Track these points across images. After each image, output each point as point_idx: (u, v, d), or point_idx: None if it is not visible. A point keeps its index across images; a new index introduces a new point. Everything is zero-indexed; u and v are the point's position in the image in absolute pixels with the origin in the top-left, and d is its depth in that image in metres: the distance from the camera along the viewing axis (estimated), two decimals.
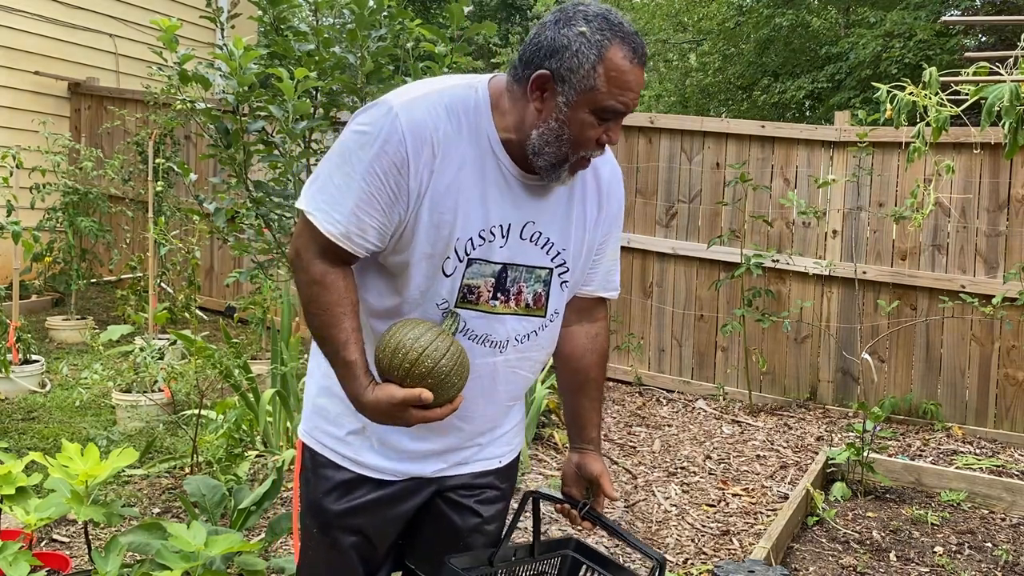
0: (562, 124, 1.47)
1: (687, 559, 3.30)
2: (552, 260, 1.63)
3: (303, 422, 1.73)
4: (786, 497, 3.91)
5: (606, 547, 3.34)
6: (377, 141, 1.46)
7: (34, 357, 5.11)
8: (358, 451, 1.65)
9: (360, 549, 1.69)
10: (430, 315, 1.56)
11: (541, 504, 1.85)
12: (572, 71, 1.45)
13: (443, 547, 1.72)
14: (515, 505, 1.83)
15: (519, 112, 1.51)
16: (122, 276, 6.71)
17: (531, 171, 1.54)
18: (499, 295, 1.58)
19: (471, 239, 1.53)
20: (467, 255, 1.54)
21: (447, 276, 1.54)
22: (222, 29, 3.74)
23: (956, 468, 4.30)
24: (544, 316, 1.65)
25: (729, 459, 4.51)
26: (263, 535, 2.94)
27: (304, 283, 1.53)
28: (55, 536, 3.16)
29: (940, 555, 3.36)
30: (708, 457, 4.53)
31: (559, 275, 1.65)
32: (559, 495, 1.87)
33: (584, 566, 1.81)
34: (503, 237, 1.55)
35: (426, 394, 1.45)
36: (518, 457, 1.87)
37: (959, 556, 3.38)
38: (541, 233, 1.60)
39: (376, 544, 1.71)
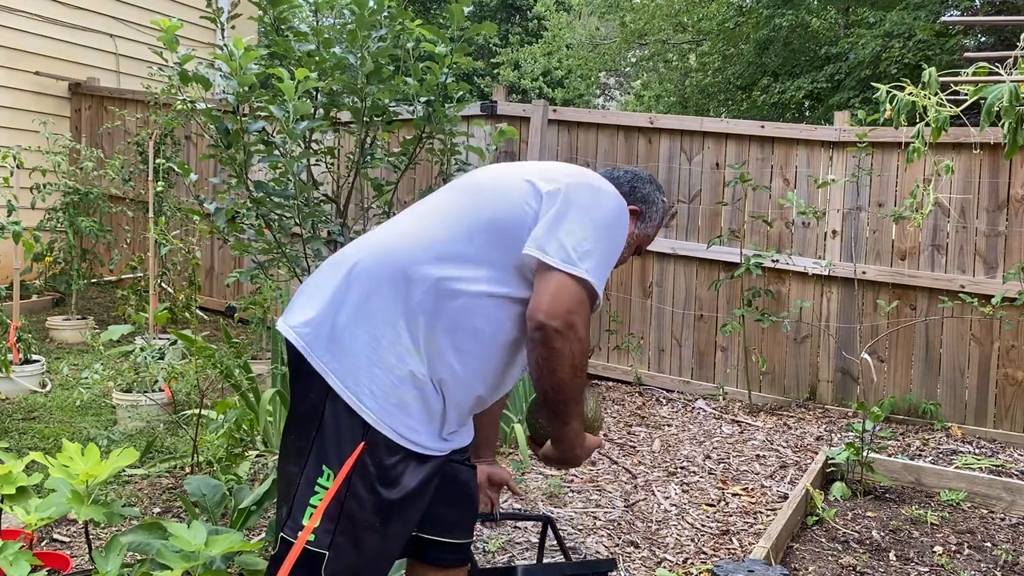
0: (627, 247, 2.06)
1: (687, 559, 3.31)
2: None
3: (382, 416, 1.73)
4: (786, 497, 3.92)
5: (605, 546, 3.35)
6: (624, 228, 1.93)
7: (35, 357, 5.11)
8: (434, 439, 1.82)
9: (406, 534, 1.87)
10: None
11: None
12: (650, 217, 2.14)
13: (457, 499, 2.06)
14: None
15: None
16: (122, 276, 6.71)
17: None
18: None
19: None
20: None
21: None
22: (222, 29, 3.74)
23: (956, 468, 4.31)
24: None
25: (729, 459, 4.51)
26: (263, 535, 2.95)
27: (580, 353, 1.75)
28: (55, 536, 3.16)
29: (940, 555, 3.37)
30: (708, 457, 4.53)
31: None
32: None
33: None
34: None
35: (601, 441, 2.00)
36: None
37: (959, 556, 3.38)
38: None
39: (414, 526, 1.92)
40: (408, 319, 1.76)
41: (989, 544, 3.51)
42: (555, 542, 2.36)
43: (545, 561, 2.30)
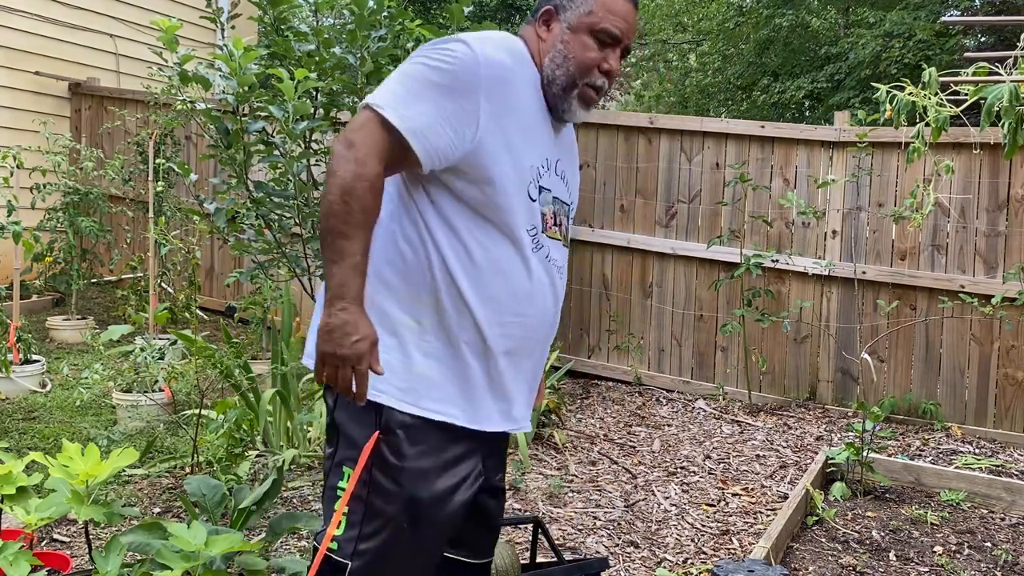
0: (566, 45, 1.72)
1: (687, 559, 3.31)
2: (570, 196, 1.86)
3: (394, 395, 1.62)
4: (786, 497, 3.92)
5: (605, 546, 3.35)
6: (456, 66, 1.59)
7: (35, 357, 5.11)
8: (473, 405, 1.67)
9: (439, 544, 1.72)
10: (525, 246, 1.68)
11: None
12: (572, 2, 1.74)
13: (485, 528, 1.88)
14: None
15: (535, 49, 1.76)
16: (122, 276, 6.71)
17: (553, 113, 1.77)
18: (553, 224, 1.78)
19: (539, 166, 1.71)
20: (539, 181, 1.71)
21: (534, 201, 1.71)
22: (222, 29, 3.75)
23: (956, 468, 4.31)
24: (568, 248, 1.86)
25: (729, 459, 4.51)
26: (263, 535, 2.95)
27: (351, 175, 1.52)
28: (55, 536, 3.16)
29: (940, 555, 3.37)
30: (708, 457, 4.53)
31: (569, 212, 1.87)
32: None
33: None
34: (547, 169, 1.75)
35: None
36: None
37: (959, 556, 3.39)
38: (566, 172, 1.83)
39: (446, 536, 1.74)
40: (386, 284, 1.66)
41: (989, 544, 3.51)
42: (554, 544, 2.36)
43: (538, 561, 2.30)
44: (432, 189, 1.65)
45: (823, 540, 3.47)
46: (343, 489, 1.62)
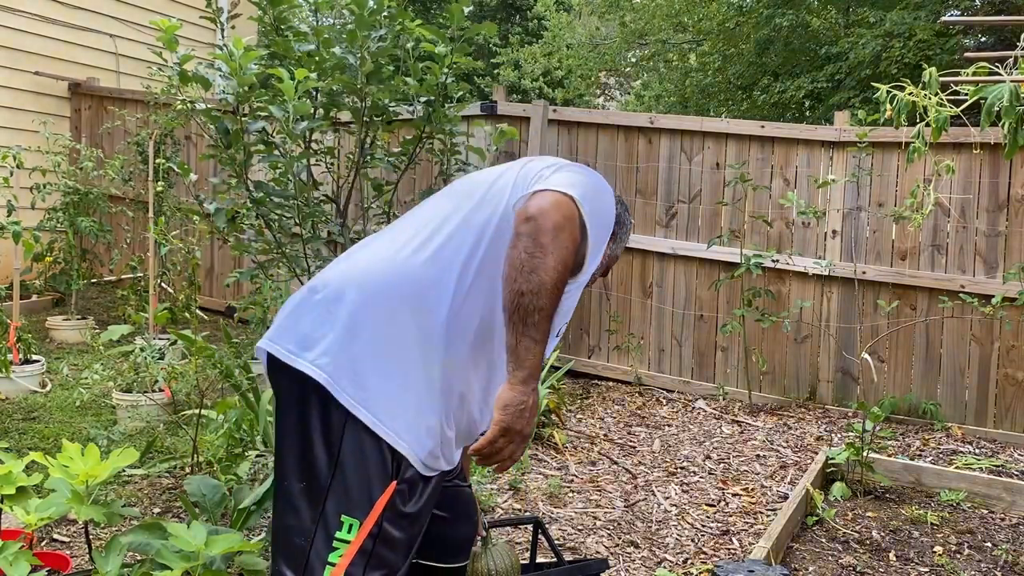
0: (601, 264, 1.88)
1: (687, 559, 3.31)
2: None
3: (421, 456, 1.64)
4: (786, 497, 3.92)
5: (605, 546, 3.35)
6: (610, 227, 1.80)
7: (34, 357, 5.11)
8: (442, 459, 1.74)
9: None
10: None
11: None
12: (621, 239, 1.98)
13: (464, 518, 2.04)
14: None
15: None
16: (122, 276, 6.71)
17: None
18: None
19: None
20: None
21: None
22: (222, 29, 3.75)
23: (956, 468, 4.31)
24: None
25: (729, 459, 4.51)
26: (263, 535, 2.95)
27: (567, 259, 1.53)
28: (55, 536, 3.16)
29: (940, 555, 3.37)
30: (708, 457, 4.53)
31: None
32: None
33: None
34: None
35: None
36: None
37: (959, 556, 3.38)
38: None
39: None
40: (430, 335, 1.65)
41: (989, 544, 3.51)
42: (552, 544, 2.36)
43: (538, 562, 2.31)
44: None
45: (823, 540, 3.47)
46: (344, 541, 1.57)
